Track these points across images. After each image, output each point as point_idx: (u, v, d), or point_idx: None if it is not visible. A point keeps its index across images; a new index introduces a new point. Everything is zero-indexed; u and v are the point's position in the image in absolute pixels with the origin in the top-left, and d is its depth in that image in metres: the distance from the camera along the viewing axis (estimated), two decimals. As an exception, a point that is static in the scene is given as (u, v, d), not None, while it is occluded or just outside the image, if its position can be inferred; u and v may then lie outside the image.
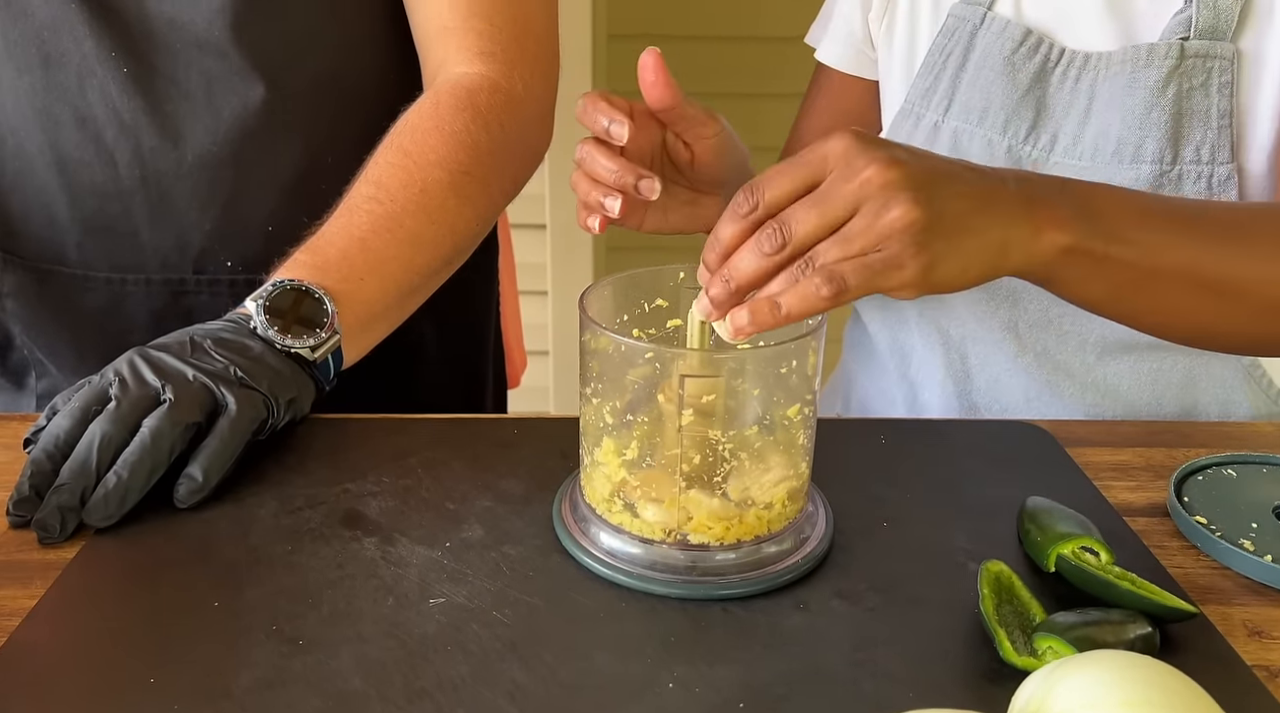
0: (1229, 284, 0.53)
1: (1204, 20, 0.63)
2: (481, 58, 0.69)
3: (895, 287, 0.45)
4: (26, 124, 0.68)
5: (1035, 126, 0.68)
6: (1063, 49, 0.68)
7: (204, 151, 0.68)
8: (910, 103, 0.73)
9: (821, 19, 0.82)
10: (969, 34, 0.70)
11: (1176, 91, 0.63)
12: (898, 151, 0.45)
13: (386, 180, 0.65)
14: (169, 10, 0.65)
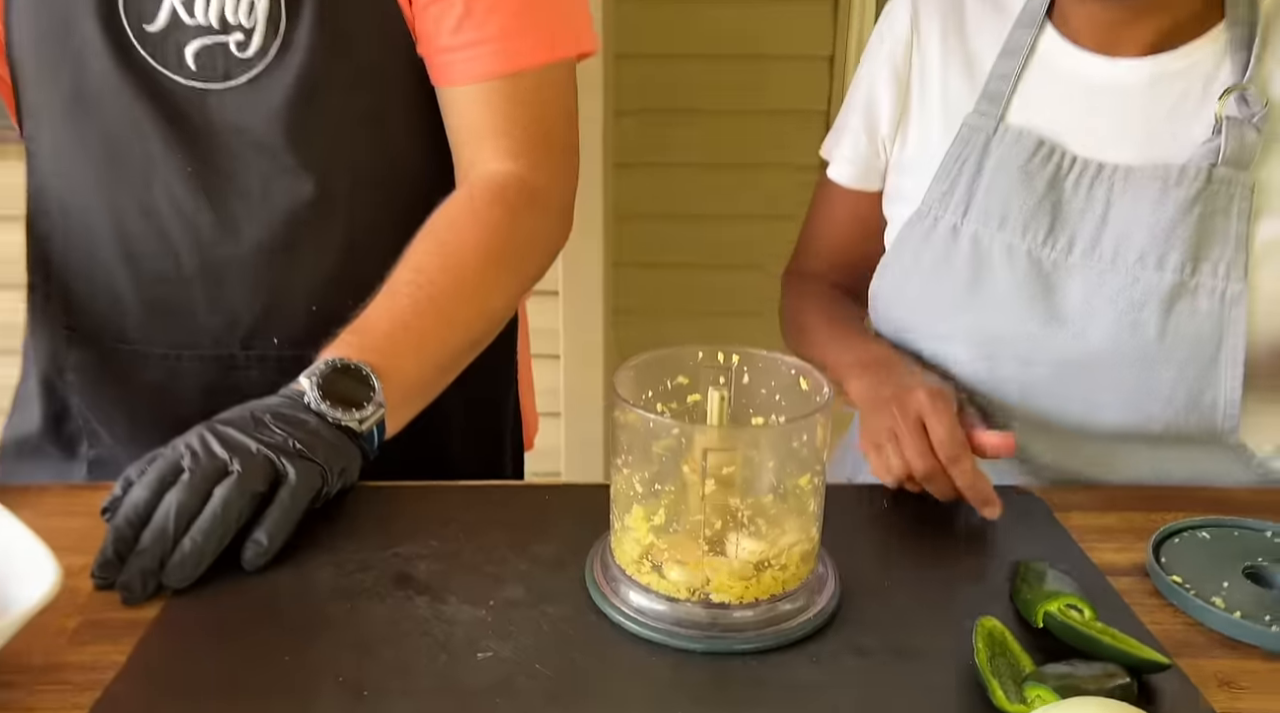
0: None
1: (1231, 151, 0.69)
2: (510, 157, 0.75)
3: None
4: (96, 215, 0.75)
5: (1053, 230, 0.73)
6: (1074, 157, 0.73)
7: (257, 242, 0.75)
8: (927, 205, 0.77)
9: (834, 133, 0.87)
10: (983, 143, 0.75)
11: (1201, 211, 0.69)
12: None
13: (426, 266, 0.72)
14: (231, 117, 0.72)
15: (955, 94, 0.78)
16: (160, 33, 0.70)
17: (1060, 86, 0.75)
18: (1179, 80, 0.72)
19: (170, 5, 0.70)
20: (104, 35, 0.70)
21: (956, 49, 0.79)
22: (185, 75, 0.71)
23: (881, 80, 0.82)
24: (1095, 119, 0.73)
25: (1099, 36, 0.73)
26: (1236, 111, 0.69)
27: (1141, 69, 0.72)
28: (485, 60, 0.73)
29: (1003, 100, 0.76)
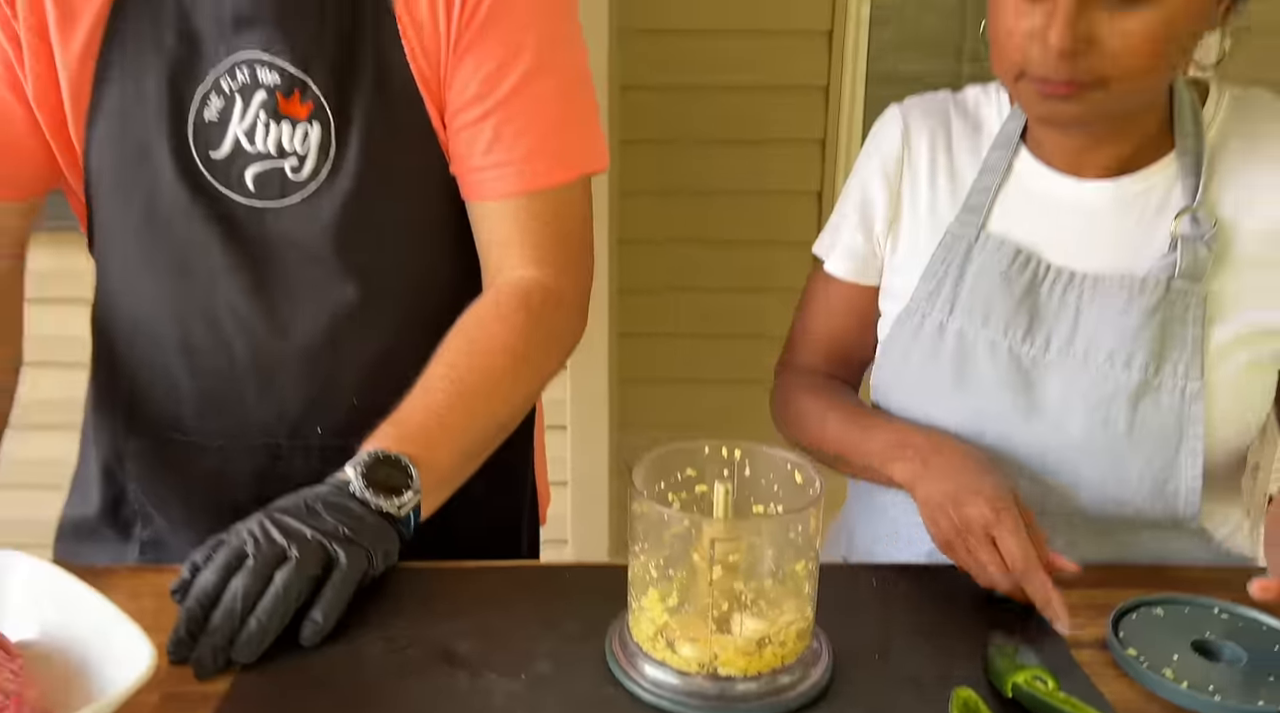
0: None
1: (1185, 265, 0.77)
2: (533, 264, 0.84)
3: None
4: (160, 319, 0.83)
5: (1031, 329, 0.80)
6: (1049, 265, 0.81)
7: (306, 341, 0.83)
8: (915, 302, 0.85)
9: (830, 232, 0.93)
10: (965, 249, 0.83)
11: (1162, 318, 0.77)
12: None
13: (458, 364, 0.79)
14: (286, 230, 0.81)
15: (941, 203, 0.86)
16: (225, 159, 0.79)
17: (1034, 202, 0.83)
18: (1138, 201, 0.80)
19: (234, 135, 0.79)
20: (175, 162, 0.79)
21: (943, 163, 0.87)
22: (245, 196, 0.80)
23: (875, 186, 0.89)
24: (1066, 232, 0.81)
25: (1066, 160, 0.82)
26: (1189, 230, 0.77)
27: (1105, 191, 0.80)
28: (511, 179, 0.82)
29: (983, 211, 0.83)
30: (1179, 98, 0.80)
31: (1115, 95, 0.72)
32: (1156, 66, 0.71)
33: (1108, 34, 0.69)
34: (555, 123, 0.83)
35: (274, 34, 0.77)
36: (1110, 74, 0.70)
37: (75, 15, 0.76)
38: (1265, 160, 0.78)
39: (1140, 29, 0.69)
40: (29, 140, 0.80)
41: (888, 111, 0.90)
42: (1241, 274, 0.78)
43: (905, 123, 0.88)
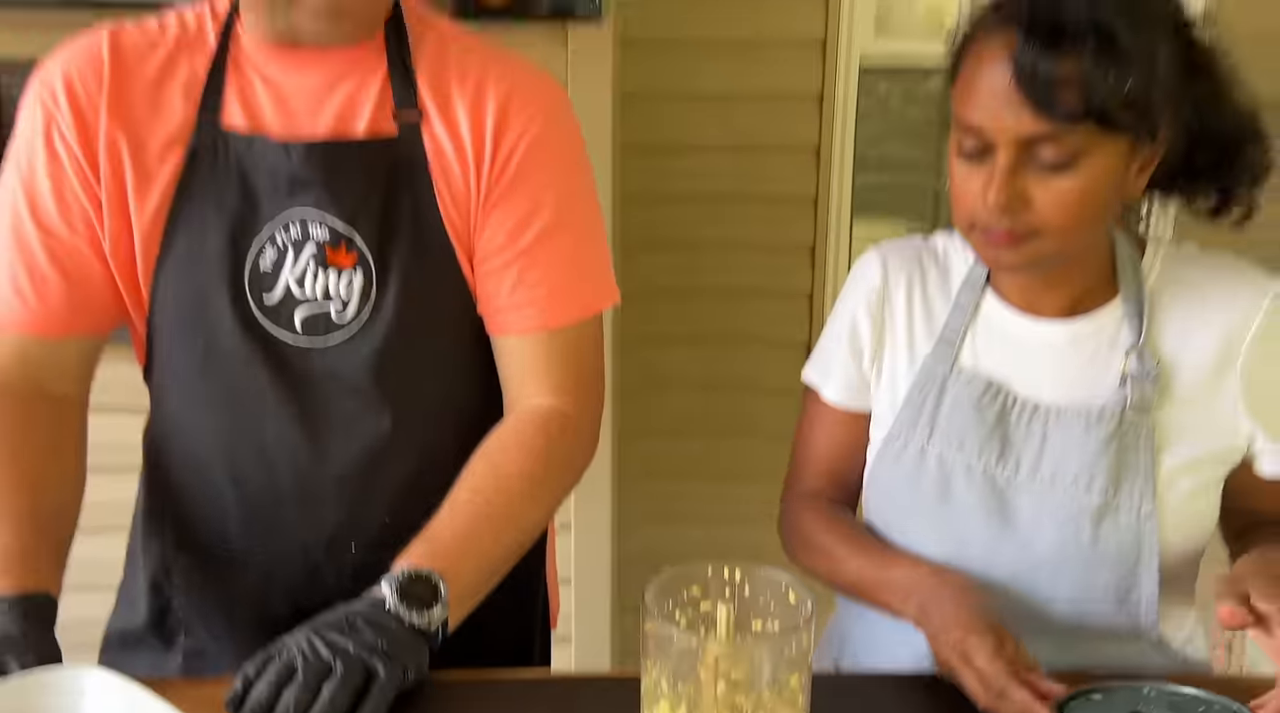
0: None
1: (1134, 399, 0.86)
2: (551, 393, 0.93)
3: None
4: (212, 448, 0.91)
5: (1003, 454, 0.89)
6: (1016, 396, 0.89)
7: (343, 467, 0.91)
8: (897, 429, 0.93)
9: (820, 360, 1.01)
10: (941, 380, 0.92)
11: (1117, 445, 0.85)
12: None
13: (482, 486, 0.88)
14: (329, 366, 0.90)
15: (918, 338, 0.95)
16: (276, 304, 0.89)
17: (1000, 339, 0.91)
18: (1091, 340, 0.89)
19: (286, 282, 0.88)
20: (232, 307, 0.88)
21: (918, 301, 0.95)
22: (294, 336, 0.89)
23: (860, 318, 0.97)
24: (1030, 367, 0.90)
25: (1024, 301, 0.91)
26: (1136, 368, 0.86)
27: (1061, 331, 0.89)
28: (533, 318, 0.92)
29: (955, 346, 0.92)
30: (1120, 251, 0.89)
31: (1050, 245, 0.81)
32: (1081, 221, 0.81)
33: (1038, 194, 0.80)
34: (571, 268, 0.93)
35: (324, 195, 0.87)
36: (1042, 227, 0.80)
37: (151, 180, 0.87)
38: (1196, 305, 0.87)
39: (1065, 190, 0.79)
40: (103, 287, 0.89)
41: (868, 254, 1.00)
42: (1183, 407, 0.86)
43: (884, 264, 0.97)
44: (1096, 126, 0.77)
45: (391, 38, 0.89)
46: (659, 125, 2.05)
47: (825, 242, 2.11)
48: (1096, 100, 0.75)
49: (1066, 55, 0.75)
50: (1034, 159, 0.79)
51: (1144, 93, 0.76)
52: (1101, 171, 0.79)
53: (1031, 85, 0.76)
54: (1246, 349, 0.85)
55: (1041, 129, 0.77)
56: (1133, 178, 0.82)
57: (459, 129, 0.89)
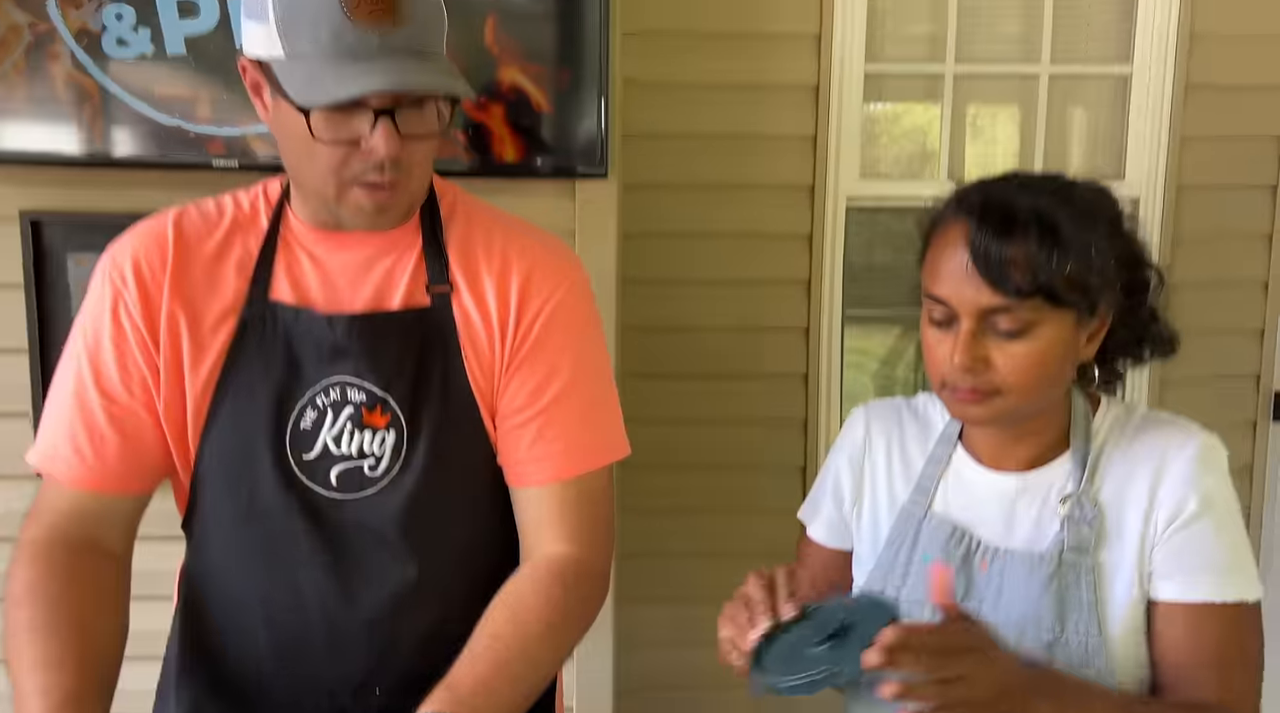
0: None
1: (1070, 540, 0.94)
2: (566, 541, 0.99)
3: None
4: (247, 594, 0.97)
5: (967, 595, 0.96)
6: (979, 541, 0.98)
7: (371, 613, 0.97)
8: (879, 569, 1.02)
9: (810, 502, 1.12)
10: (915, 526, 1.01)
11: (1058, 585, 0.93)
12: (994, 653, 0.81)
13: (500, 633, 0.93)
14: (361, 517, 0.97)
15: (897, 486, 1.05)
16: (314, 460, 0.96)
17: (968, 489, 1.01)
18: (1041, 489, 0.98)
19: (324, 440, 0.96)
20: (275, 464, 0.95)
21: (897, 454, 1.06)
22: (329, 490, 0.96)
23: (844, 471, 1.09)
24: (991, 515, 0.99)
25: (990, 456, 1.01)
26: (1074, 513, 0.94)
27: (1016, 481, 0.99)
28: (550, 470, 0.99)
29: (929, 493, 1.02)
30: (1075, 410, 0.98)
31: (1011, 402, 0.91)
32: (1038, 382, 0.91)
33: (998, 357, 0.91)
34: (585, 424, 1.01)
35: (363, 363, 0.96)
36: (1003, 385, 0.91)
37: (205, 349, 0.96)
38: (1137, 461, 0.95)
39: (1021, 355, 0.90)
40: (155, 445, 0.97)
41: (855, 412, 1.11)
42: (1122, 549, 0.94)
43: (868, 423, 1.09)
44: (1044, 301, 0.88)
45: (426, 219, 1.00)
46: (658, 260, 2.17)
47: (818, 369, 2.21)
48: (1042, 279, 0.87)
49: (1015, 241, 0.88)
50: (993, 327, 0.90)
51: (1083, 274, 0.88)
52: (1052, 339, 0.90)
53: (985, 266, 0.88)
54: (1163, 490, 0.93)
55: (996, 302, 0.89)
56: (1083, 345, 0.94)
57: (486, 300, 0.98)
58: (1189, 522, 0.92)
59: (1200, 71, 2.12)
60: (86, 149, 1.59)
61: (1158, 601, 0.93)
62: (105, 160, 1.60)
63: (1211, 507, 0.92)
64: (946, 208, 0.94)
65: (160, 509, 1.02)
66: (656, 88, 2.09)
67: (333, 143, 0.87)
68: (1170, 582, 0.93)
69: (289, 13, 0.83)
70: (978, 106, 2.25)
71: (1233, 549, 0.93)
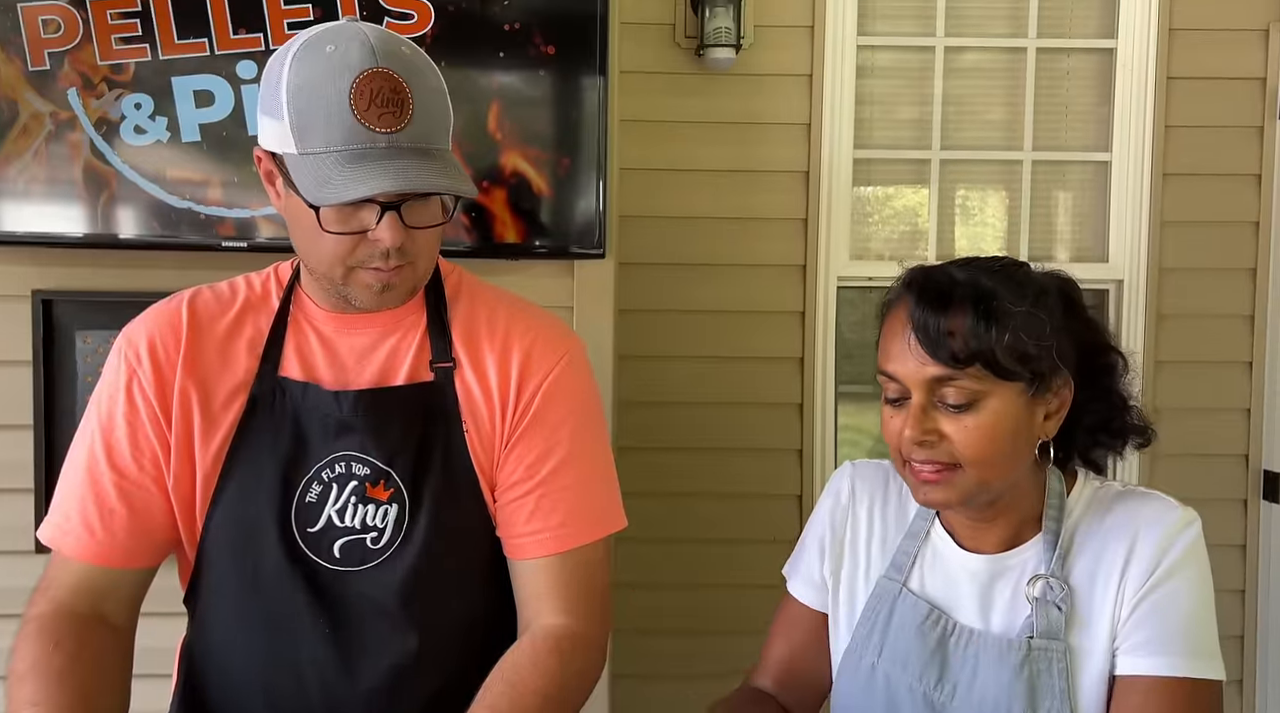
0: None
1: (1040, 625, 0.93)
2: (564, 613, 1.00)
3: None
4: (248, 667, 0.98)
5: (941, 678, 0.96)
6: (954, 623, 0.97)
7: (371, 684, 0.97)
8: (856, 643, 1.02)
9: (793, 558, 1.11)
10: (890, 601, 1.01)
11: (1029, 672, 0.92)
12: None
13: (499, 705, 0.94)
14: (362, 589, 0.98)
15: (874, 557, 1.05)
16: (317, 533, 0.98)
17: (944, 568, 1.00)
18: (1014, 572, 0.97)
19: (328, 514, 0.98)
20: (280, 535, 0.97)
21: (878, 522, 1.06)
22: (332, 563, 0.98)
23: (825, 527, 1.08)
24: (966, 596, 0.98)
25: (965, 535, 1.00)
26: (1043, 594, 0.94)
27: (990, 563, 0.98)
28: (548, 543, 1.01)
29: (905, 570, 1.02)
30: (1050, 489, 0.98)
31: (970, 477, 0.92)
32: (994, 455, 0.91)
33: (950, 429, 0.92)
34: (582, 497, 1.03)
35: (367, 440, 0.98)
36: (960, 458, 0.91)
37: (216, 425, 0.98)
38: (1110, 537, 0.95)
39: (971, 426, 0.91)
40: (163, 520, 0.99)
41: (841, 470, 1.11)
42: (1094, 632, 0.93)
43: (853, 483, 1.09)
44: (986, 370, 0.89)
45: (430, 298, 1.04)
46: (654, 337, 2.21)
47: (812, 444, 2.23)
48: (976, 346, 0.89)
49: (952, 312, 0.91)
50: (942, 401, 0.92)
51: (1021, 343, 0.89)
52: (1000, 411, 0.90)
53: (925, 337, 0.91)
54: (1134, 561, 0.93)
55: (939, 372, 0.90)
56: (1040, 422, 0.94)
57: (488, 376, 1.01)
58: (1155, 586, 0.91)
59: (1176, 160, 2.21)
60: (100, 230, 1.64)
61: (1120, 674, 0.92)
62: (117, 242, 1.65)
63: (1179, 575, 0.92)
64: (894, 289, 0.97)
65: (162, 586, 1.04)
66: (652, 172, 2.17)
67: (340, 234, 0.91)
68: (1133, 656, 0.92)
69: (303, 113, 0.88)
70: (966, 189, 2.32)
71: (1200, 625, 0.92)
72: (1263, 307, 2.22)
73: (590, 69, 1.68)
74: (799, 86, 2.18)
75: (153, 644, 1.14)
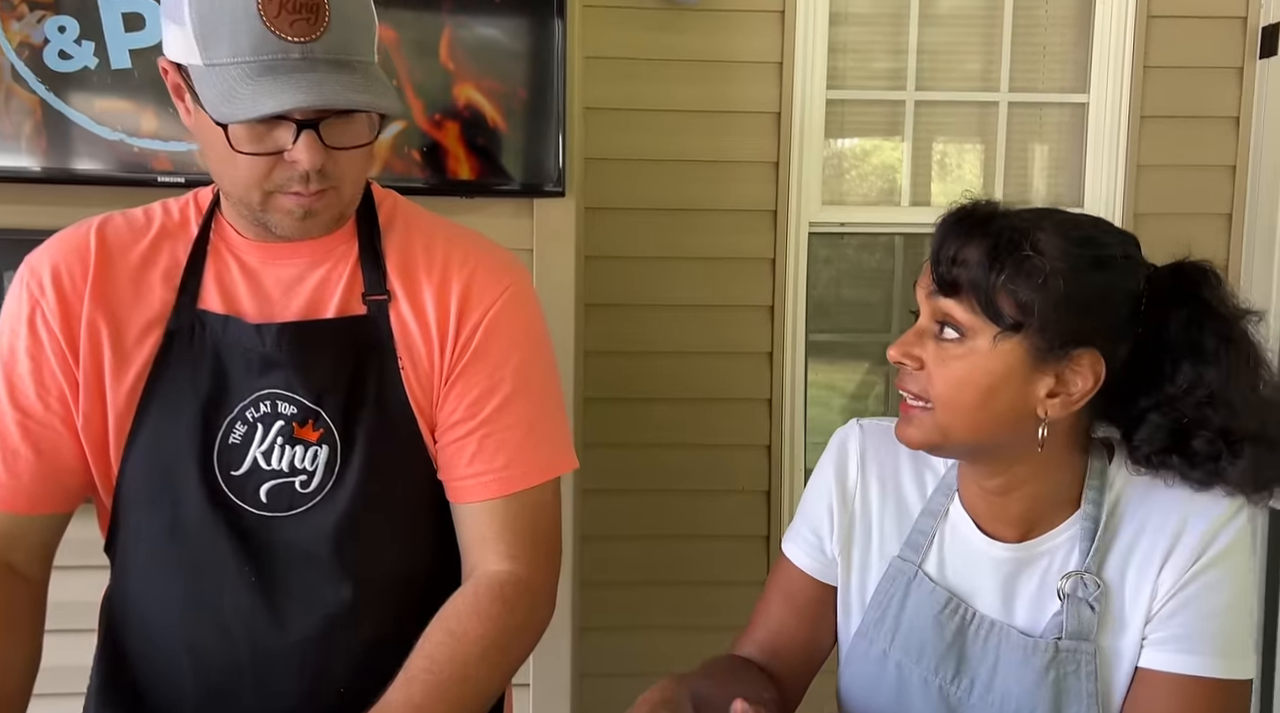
0: None
1: (1071, 625, 0.85)
2: (509, 559, 0.95)
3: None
4: (169, 618, 0.92)
5: (959, 672, 0.89)
6: (974, 612, 0.89)
7: (301, 635, 0.92)
8: (865, 626, 0.94)
9: (796, 524, 1.01)
10: (905, 584, 0.92)
11: (1055, 675, 0.85)
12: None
13: (437, 655, 0.89)
14: (290, 536, 0.92)
15: (888, 534, 0.95)
16: (242, 476, 0.92)
17: (964, 551, 0.92)
18: (1041, 561, 0.89)
19: (253, 456, 0.92)
20: (200, 478, 0.91)
21: (891, 495, 0.96)
22: (258, 508, 0.92)
23: (836, 504, 0.97)
24: (987, 585, 0.90)
25: (983, 515, 0.91)
26: (1076, 591, 0.86)
27: (1015, 551, 0.89)
28: (492, 485, 0.95)
29: (922, 550, 0.93)
30: (1092, 469, 0.88)
31: (935, 421, 0.84)
32: (961, 401, 0.83)
33: (930, 360, 0.85)
34: (528, 437, 0.97)
35: (294, 376, 0.92)
36: (933, 398, 0.84)
37: (128, 361, 0.91)
38: (1151, 528, 0.86)
39: (952, 368, 0.83)
40: (75, 464, 0.92)
41: (850, 428, 1.00)
42: (1127, 632, 0.86)
43: (863, 450, 0.98)
44: (982, 311, 0.82)
45: (362, 226, 0.96)
46: (621, 284, 2.15)
47: (782, 394, 2.19)
48: (976, 278, 0.81)
49: (974, 242, 0.83)
50: (940, 335, 0.85)
51: (1025, 291, 0.80)
52: (984, 357, 0.82)
53: (936, 260, 0.85)
54: (1177, 551, 0.84)
55: (938, 295, 0.84)
56: (1039, 396, 0.83)
57: (425, 310, 0.95)
58: (1195, 577, 0.84)
59: (1154, 102, 2.15)
60: (26, 164, 1.54)
61: (1144, 667, 0.85)
62: (46, 176, 1.55)
63: (1220, 567, 0.84)
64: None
65: (85, 537, 0.98)
66: (620, 113, 2.09)
67: (254, 155, 0.84)
68: (1161, 650, 0.84)
69: (206, 19, 0.80)
70: (944, 143, 2.26)
71: (1235, 621, 0.85)
72: (1237, 252, 2.19)
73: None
74: (770, 23, 2.10)
75: (75, 599, 1.08)
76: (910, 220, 2.23)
